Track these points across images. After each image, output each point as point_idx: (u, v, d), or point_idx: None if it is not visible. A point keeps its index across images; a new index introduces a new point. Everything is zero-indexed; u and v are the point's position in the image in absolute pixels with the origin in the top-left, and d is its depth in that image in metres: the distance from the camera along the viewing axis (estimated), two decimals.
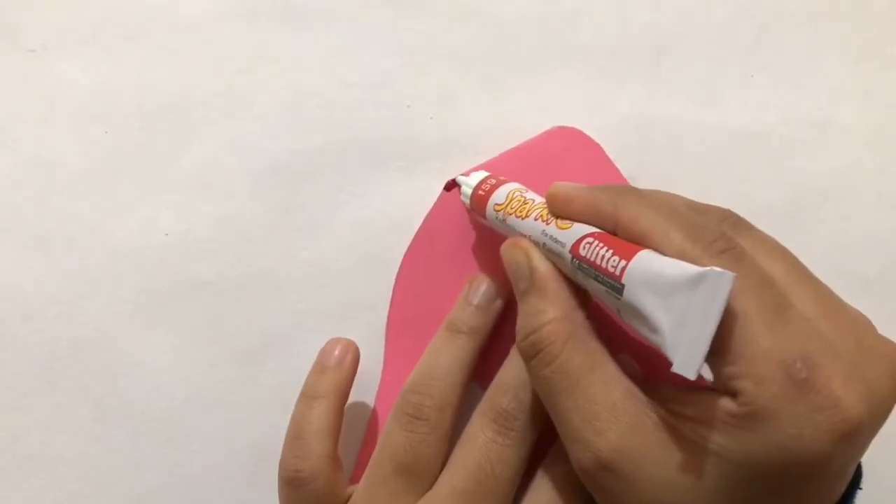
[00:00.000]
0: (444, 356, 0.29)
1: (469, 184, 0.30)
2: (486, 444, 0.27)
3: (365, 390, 0.33)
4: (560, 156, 0.33)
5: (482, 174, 0.30)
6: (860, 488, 0.25)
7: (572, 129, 0.33)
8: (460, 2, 0.35)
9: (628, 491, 0.22)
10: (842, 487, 0.23)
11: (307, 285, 0.34)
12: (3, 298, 0.34)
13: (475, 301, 0.30)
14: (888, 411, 0.21)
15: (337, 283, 0.34)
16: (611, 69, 0.35)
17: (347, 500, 0.29)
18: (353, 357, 0.31)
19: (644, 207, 0.23)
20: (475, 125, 0.35)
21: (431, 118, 0.35)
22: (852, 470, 0.23)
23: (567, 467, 0.27)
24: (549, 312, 0.24)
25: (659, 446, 0.22)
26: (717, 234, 0.22)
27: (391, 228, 0.34)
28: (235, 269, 0.34)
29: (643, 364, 0.25)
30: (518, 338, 0.25)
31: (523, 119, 0.34)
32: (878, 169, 0.34)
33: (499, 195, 0.28)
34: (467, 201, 0.30)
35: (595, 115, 0.34)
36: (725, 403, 0.21)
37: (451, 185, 0.33)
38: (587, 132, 0.33)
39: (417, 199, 0.33)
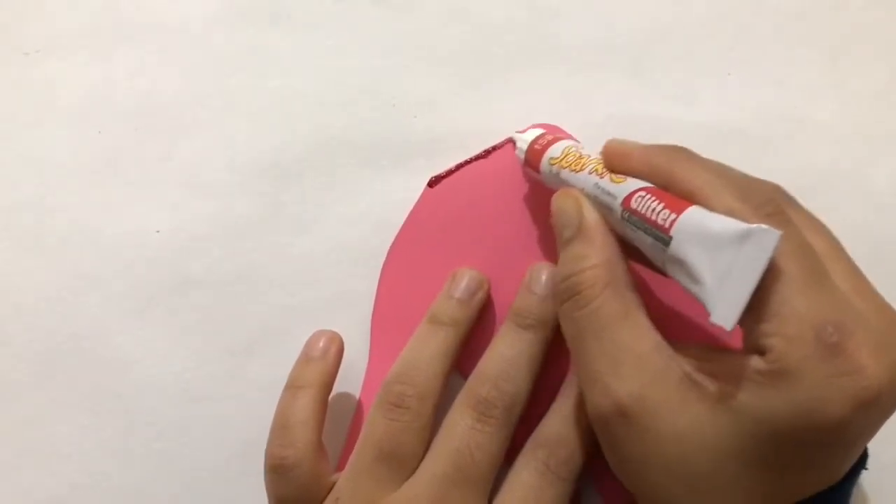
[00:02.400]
0: (427, 347, 0.30)
1: (525, 139, 0.31)
2: (465, 430, 0.28)
3: (350, 382, 0.33)
4: None
5: (538, 131, 0.31)
6: (865, 468, 0.25)
7: (550, 125, 0.34)
8: (446, 3, 0.36)
9: (640, 441, 0.23)
10: (852, 459, 0.23)
11: (296, 281, 0.35)
12: None
13: (457, 294, 0.31)
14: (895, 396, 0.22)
15: (325, 278, 0.35)
16: (592, 68, 0.36)
17: (332, 487, 0.29)
18: (338, 348, 0.32)
19: (697, 166, 0.24)
20: (460, 124, 0.35)
21: (416, 117, 0.35)
22: (865, 443, 0.23)
23: (543, 455, 0.27)
24: (592, 258, 0.25)
25: (679, 400, 0.22)
26: (767, 197, 0.23)
27: (378, 225, 0.34)
28: (226, 265, 0.35)
29: (669, 329, 0.25)
30: (556, 280, 0.26)
31: (507, 117, 0.35)
32: (855, 165, 0.35)
33: (554, 150, 0.28)
34: (522, 156, 0.30)
35: (577, 113, 0.35)
36: (753, 361, 0.21)
37: (435, 182, 0.33)
38: (569, 130, 0.34)
39: (403, 196, 0.34)
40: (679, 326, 0.25)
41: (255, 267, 0.35)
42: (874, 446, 0.24)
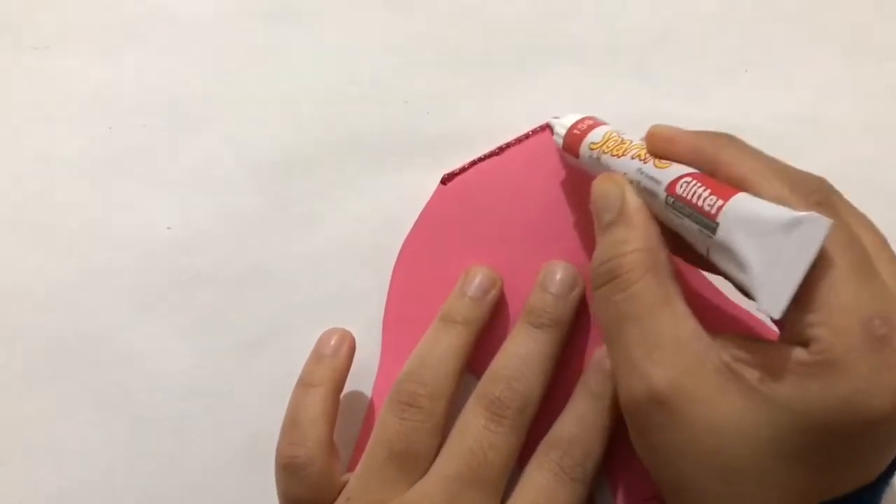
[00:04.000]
0: (439, 346, 0.30)
1: (564, 124, 0.30)
2: (478, 430, 0.28)
3: (362, 381, 0.33)
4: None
5: (576, 116, 0.30)
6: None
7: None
8: (455, 2, 0.36)
9: (673, 429, 0.22)
10: (890, 457, 0.23)
11: (304, 278, 0.35)
12: (7, 291, 0.35)
13: (470, 292, 0.31)
14: None
15: (334, 275, 0.35)
16: (602, 67, 0.35)
17: (343, 487, 0.29)
18: (349, 346, 0.31)
19: (745, 153, 0.24)
20: (469, 122, 0.35)
21: (428, 113, 0.35)
22: None
23: (556, 457, 0.27)
24: (633, 242, 0.24)
25: (716, 389, 0.22)
26: (816, 186, 0.23)
27: (387, 223, 0.34)
28: (234, 262, 0.35)
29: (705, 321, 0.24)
30: (594, 263, 0.25)
31: (517, 116, 0.34)
32: (870, 162, 0.35)
33: (595, 134, 0.28)
34: (560, 140, 0.30)
35: (587, 112, 0.35)
36: (796, 352, 0.21)
37: (448, 179, 0.33)
38: None
39: (412, 193, 0.34)
40: (712, 321, 0.24)
41: (263, 264, 0.35)
42: None
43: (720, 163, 0.24)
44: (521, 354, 0.29)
